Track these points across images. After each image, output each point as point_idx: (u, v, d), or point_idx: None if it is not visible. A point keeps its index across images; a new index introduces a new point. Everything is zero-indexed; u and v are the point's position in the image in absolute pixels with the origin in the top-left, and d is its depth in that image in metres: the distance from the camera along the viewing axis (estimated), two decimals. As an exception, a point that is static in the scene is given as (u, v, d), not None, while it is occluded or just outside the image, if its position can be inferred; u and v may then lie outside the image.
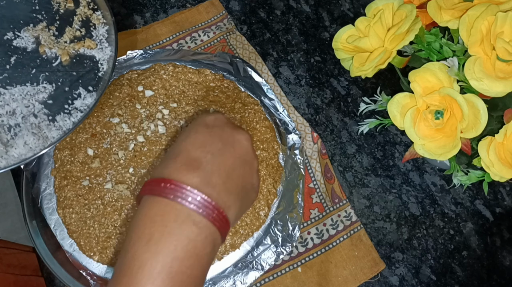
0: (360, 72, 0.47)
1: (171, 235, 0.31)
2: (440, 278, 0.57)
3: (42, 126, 0.49)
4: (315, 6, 0.72)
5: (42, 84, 0.51)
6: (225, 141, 0.37)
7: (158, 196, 0.33)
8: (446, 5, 0.43)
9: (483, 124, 0.40)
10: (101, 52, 0.54)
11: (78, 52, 0.53)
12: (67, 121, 0.49)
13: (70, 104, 0.50)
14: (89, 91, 0.51)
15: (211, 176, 0.34)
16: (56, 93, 0.51)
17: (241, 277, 0.53)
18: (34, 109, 0.49)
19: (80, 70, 0.52)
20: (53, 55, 0.52)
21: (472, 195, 0.61)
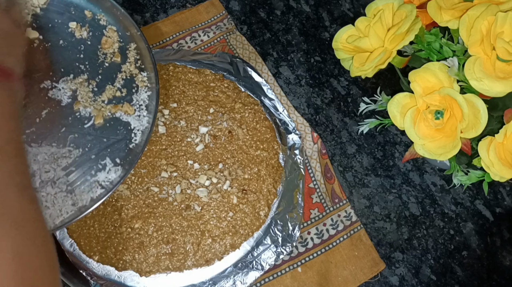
0: (360, 72, 0.47)
1: None
2: (440, 278, 0.57)
3: (58, 198, 0.44)
4: (315, 6, 0.72)
5: (68, 147, 0.46)
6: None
7: None
8: (446, 5, 0.43)
9: (483, 124, 0.40)
10: (137, 121, 0.49)
11: (114, 115, 0.49)
12: (85, 196, 0.44)
13: (92, 176, 0.45)
14: (115, 164, 0.46)
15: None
16: (81, 159, 0.46)
17: (241, 277, 0.53)
18: (55, 175, 0.44)
19: (112, 137, 0.47)
20: (86, 115, 0.48)
21: (472, 195, 0.61)
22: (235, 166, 0.56)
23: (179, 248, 0.52)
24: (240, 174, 0.56)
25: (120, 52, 0.52)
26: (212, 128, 0.58)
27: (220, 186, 0.55)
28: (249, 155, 0.57)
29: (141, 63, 0.52)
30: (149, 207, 0.54)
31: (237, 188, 0.55)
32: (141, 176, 0.55)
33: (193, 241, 0.53)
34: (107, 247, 0.52)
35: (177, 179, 0.55)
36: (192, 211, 0.54)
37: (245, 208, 0.54)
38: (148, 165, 0.55)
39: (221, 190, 0.55)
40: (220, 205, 0.54)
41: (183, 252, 0.52)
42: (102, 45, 0.52)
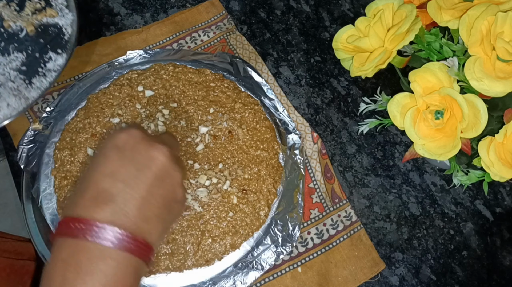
0: (360, 72, 0.47)
1: (86, 273, 0.30)
2: (440, 278, 0.57)
3: (21, 89, 0.52)
4: (315, 6, 0.72)
5: (13, 54, 0.54)
6: (138, 163, 0.34)
7: (68, 236, 0.31)
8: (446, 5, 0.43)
9: (483, 124, 0.40)
10: (63, 19, 0.57)
11: (41, 22, 0.56)
12: (43, 82, 0.53)
13: (43, 67, 0.54)
14: (58, 53, 0.55)
15: (124, 206, 0.32)
16: (28, 60, 0.54)
17: (241, 277, 0.53)
18: (10, 76, 0.53)
19: (47, 37, 0.56)
20: (18, 28, 0.56)
21: (472, 195, 0.61)
22: (235, 166, 0.56)
23: (179, 248, 0.52)
24: (240, 174, 0.56)
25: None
26: (212, 128, 0.58)
27: (220, 186, 0.55)
28: (249, 155, 0.57)
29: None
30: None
31: (237, 188, 0.55)
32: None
33: (193, 241, 0.53)
34: (107, 247, 0.52)
35: (177, 179, 0.55)
36: (192, 211, 0.54)
37: (245, 208, 0.54)
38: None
39: (221, 190, 0.55)
40: (220, 205, 0.54)
41: (183, 252, 0.52)
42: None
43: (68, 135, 0.57)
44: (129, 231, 0.31)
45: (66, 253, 0.31)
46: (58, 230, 0.32)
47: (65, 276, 0.30)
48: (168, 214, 0.36)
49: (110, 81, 0.61)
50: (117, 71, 0.62)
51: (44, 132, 0.58)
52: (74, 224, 0.31)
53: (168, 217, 0.36)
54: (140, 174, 0.34)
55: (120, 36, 0.68)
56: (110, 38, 0.67)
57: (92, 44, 0.66)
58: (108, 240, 0.31)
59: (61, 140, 0.57)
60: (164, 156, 0.35)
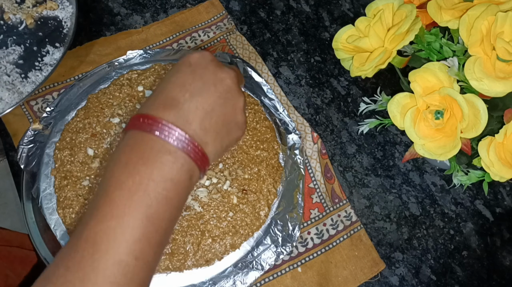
0: (360, 72, 0.47)
1: (148, 160, 0.33)
2: (440, 278, 0.57)
3: (16, 83, 0.53)
4: (315, 6, 0.72)
5: (11, 47, 0.55)
6: (206, 80, 0.37)
7: (137, 129, 0.35)
8: (446, 5, 0.43)
9: (483, 124, 0.40)
10: (63, 12, 0.58)
11: (41, 14, 0.57)
12: (39, 76, 0.54)
13: (40, 61, 0.55)
14: (56, 47, 0.56)
15: (188, 113, 0.35)
16: (26, 53, 0.55)
17: (241, 277, 0.53)
18: (6, 69, 0.54)
19: (46, 31, 0.57)
20: (18, 21, 0.56)
21: (472, 195, 0.61)
22: (235, 166, 0.56)
23: (179, 248, 0.52)
24: (240, 174, 0.56)
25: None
26: (212, 128, 0.58)
27: (220, 186, 0.55)
28: (249, 155, 0.57)
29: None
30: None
31: (237, 188, 0.55)
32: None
33: (193, 241, 0.53)
34: (107, 247, 0.52)
35: (177, 179, 0.55)
36: (192, 211, 0.54)
37: (245, 208, 0.54)
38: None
39: (221, 190, 0.55)
40: (220, 205, 0.54)
41: (183, 252, 0.52)
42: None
43: (68, 135, 0.57)
44: (188, 134, 0.34)
45: (133, 141, 0.34)
46: (128, 124, 0.36)
47: (130, 158, 0.33)
48: (226, 134, 0.38)
49: (110, 81, 0.61)
50: (117, 71, 0.62)
51: (44, 132, 0.58)
52: (143, 120, 0.34)
53: (226, 137, 0.38)
54: (206, 89, 0.37)
55: (120, 36, 0.68)
56: (110, 38, 0.67)
57: (92, 44, 0.66)
58: (171, 137, 0.34)
59: (61, 140, 0.57)
60: (231, 79, 0.38)
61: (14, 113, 0.60)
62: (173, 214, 0.34)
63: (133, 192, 0.32)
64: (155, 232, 0.33)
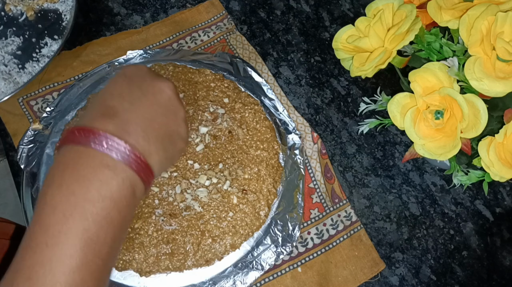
0: (360, 72, 0.47)
1: (83, 177, 0.31)
2: (440, 278, 0.57)
3: (13, 74, 0.54)
4: (315, 6, 0.72)
5: (10, 38, 0.56)
6: (144, 90, 0.36)
7: (71, 143, 0.32)
8: (446, 5, 0.43)
9: (483, 124, 0.40)
10: (63, 5, 0.59)
11: (42, 7, 0.58)
12: (36, 67, 0.55)
13: (38, 53, 0.56)
14: (54, 39, 0.57)
15: (128, 123, 0.33)
16: (24, 44, 0.56)
17: (241, 277, 0.53)
18: (4, 60, 0.55)
19: (46, 23, 0.58)
20: (18, 12, 0.57)
21: (472, 195, 0.61)
22: (235, 166, 0.56)
23: (179, 248, 0.52)
24: (240, 174, 0.56)
25: None
26: (212, 129, 0.58)
27: (220, 186, 0.55)
28: (249, 155, 0.57)
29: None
30: (149, 207, 0.53)
31: (237, 188, 0.55)
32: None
33: (193, 241, 0.53)
34: (107, 247, 0.52)
35: (177, 179, 0.55)
36: (192, 211, 0.54)
37: (245, 208, 0.54)
38: (148, 165, 0.55)
39: (221, 190, 0.55)
40: (220, 205, 0.54)
41: (183, 252, 0.52)
42: None
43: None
44: (130, 144, 0.32)
45: (68, 157, 0.32)
46: (63, 138, 0.34)
47: (64, 178, 0.31)
48: (170, 144, 0.37)
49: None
50: (117, 71, 0.62)
51: (44, 132, 0.58)
52: (79, 132, 0.32)
53: (170, 148, 0.37)
54: (145, 98, 0.36)
55: (120, 36, 0.68)
56: (110, 38, 0.67)
57: (92, 44, 0.66)
58: (109, 149, 0.31)
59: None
60: (170, 89, 0.37)
61: (14, 113, 0.60)
62: (116, 235, 0.32)
63: (67, 216, 0.29)
64: (96, 257, 0.30)
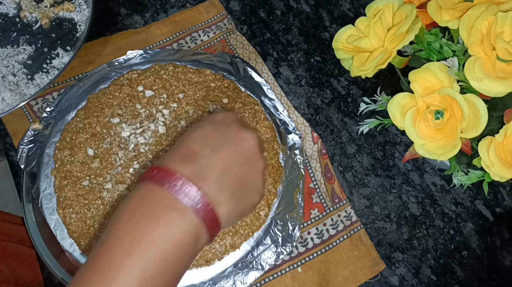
0: (360, 72, 0.47)
1: (152, 217, 0.32)
2: (440, 278, 0.57)
3: (20, 84, 0.53)
4: (315, 6, 0.72)
5: (22, 46, 0.54)
6: (228, 138, 0.36)
7: (149, 180, 0.34)
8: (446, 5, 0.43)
9: (483, 124, 0.40)
10: (79, 14, 0.57)
11: (57, 15, 0.56)
12: (44, 79, 0.53)
13: (48, 64, 0.54)
14: (66, 50, 0.55)
15: (205, 169, 0.34)
16: (36, 54, 0.55)
17: (241, 277, 0.53)
18: (14, 69, 0.53)
19: (59, 32, 0.56)
20: (33, 19, 0.56)
21: (472, 195, 0.61)
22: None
23: (179, 248, 0.52)
24: (240, 174, 0.56)
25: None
26: (212, 128, 0.58)
27: (220, 186, 0.55)
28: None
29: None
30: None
31: (237, 188, 0.55)
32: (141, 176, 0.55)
33: (193, 241, 0.53)
34: (107, 247, 0.52)
35: (177, 179, 0.55)
36: (192, 211, 0.54)
37: (245, 208, 0.54)
38: (148, 165, 0.55)
39: (221, 190, 0.55)
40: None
41: (183, 252, 0.52)
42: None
43: (68, 135, 0.57)
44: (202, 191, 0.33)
45: (142, 194, 0.33)
46: (142, 175, 0.35)
47: (134, 214, 0.32)
48: (242, 196, 0.36)
49: (110, 81, 0.61)
50: (117, 71, 0.62)
51: (44, 132, 0.58)
52: (157, 171, 0.34)
53: (242, 199, 0.37)
54: (228, 146, 0.36)
55: (120, 36, 0.68)
56: (110, 38, 0.67)
57: (92, 44, 0.66)
58: (181, 193, 0.32)
59: (61, 140, 0.57)
60: (254, 140, 0.38)
61: (14, 114, 0.60)
62: (172, 279, 0.32)
63: (130, 251, 0.31)
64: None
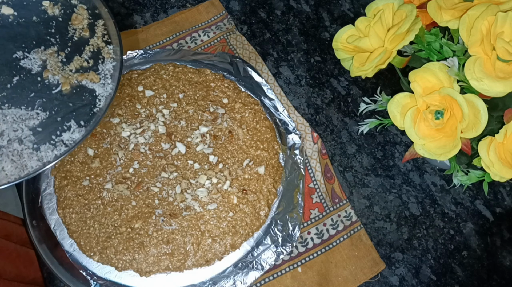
0: (360, 72, 0.47)
1: None
2: (440, 278, 0.57)
3: (24, 155, 0.49)
4: (315, 6, 0.72)
5: (36, 110, 0.51)
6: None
7: None
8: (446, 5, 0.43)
9: (483, 124, 0.40)
10: (102, 88, 0.54)
11: (80, 83, 0.53)
12: (49, 153, 0.49)
13: (58, 136, 0.50)
14: (79, 125, 0.51)
15: None
16: (48, 121, 0.51)
17: (241, 277, 0.53)
18: (22, 134, 0.49)
19: (77, 103, 0.52)
20: (55, 82, 0.53)
21: (472, 195, 0.61)
22: (235, 166, 0.56)
23: (179, 248, 0.52)
24: (240, 174, 0.56)
25: (89, 27, 0.56)
26: (212, 128, 0.58)
27: (220, 186, 0.55)
28: (249, 155, 0.57)
29: (108, 38, 0.57)
30: (149, 207, 0.54)
31: (237, 188, 0.55)
32: (141, 176, 0.55)
33: (193, 241, 0.53)
34: (107, 247, 0.52)
35: (177, 179, 0.55)
36: (192, 211, 0.54)
37: (245, 208, 0.54)
38: (148, 165, 0.55)
39: (221, 190, 0.55)
40: (220, 205, 0.54)
41: (183, 252, 0.52)
42: (72, 21, 0.56)
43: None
44: None
45: None
46: None
47: None
48: None
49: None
50: (117, 71, 0.62)
51: (44, 132, 0.58)
52: None
53: None
54: None
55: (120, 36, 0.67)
56: (110, 38, 0.67)
57: (92, 44, 0.66)
58: None
59: (61, 140, 0.57)
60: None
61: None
62: None
63: None
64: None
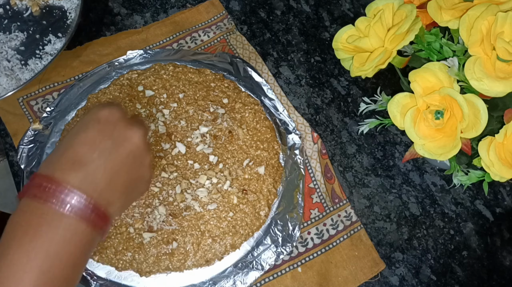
0: (360, 72, 0.47)
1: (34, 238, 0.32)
2: (440, 278, 0.57)
3: (15, 70, 0.54)
4: (315, 6, 0.72)
5: (14, 33, 0.56)
6: (115, 138, 0.37)
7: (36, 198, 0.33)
8: (446, 5, 0.43)
9: (483, 124, 0.40)
10: (69, 2, 0.59)
11: (47, 3, 0.58)
12: (38, 64, 0.55)
13: (41, 50, 0.56)
14: (58, 37, 0.57)
15: (95, 174, 0.35)
16: (28, 40, 0.56)
17: (241, 277, 0.53)
18: (7, 55, 0.55)
19: (50, 19, 0.58)
20: (23, 7, 0.57)
21: (472, 195, 0.61)
22: (235, 166, 0.56)
23: (179, 248, 0.52)
24: (240, 174, 0.56)
25: None
26: (212, 128, 0.58)
27: (220, 186, 0.55)
28: (249, 155, 0.57)
29: None
30: (149, 207, 0.54)
31: (237, 188, 0.55)
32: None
33: (193, 241, 0.53)
34: (107, 247, 0.52)
35: (177, 179, 0.55)
36: (192, 211, 0.54)
37: (245, 208, 0.54)
38: (148, 165, 0.55)
39: (221, 190, 0.55)
40: (220, 205, 0.54)
41: (183, 252, 0.52)
42: None
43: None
44: (92, 198, 0.34)
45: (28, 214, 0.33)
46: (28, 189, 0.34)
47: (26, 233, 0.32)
48: (132, 191, 0.40)
49: (110, 81, 0.61)
50: (117, 71, 0.62)
51: (44, 132, 0.58)
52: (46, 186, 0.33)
53: (132, 193, 0.40)
54: (115, 148, 0.37)
55: (120, 36, 0.68)
56: (110, 38, 0.67)
57: (92, 44, 0.66)
58: (72, 207, 0.33)
59: (61, 140, 0.57)
60: (139, 138, 0.39)
61: (14, 113, 0.60)
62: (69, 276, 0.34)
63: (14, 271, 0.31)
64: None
